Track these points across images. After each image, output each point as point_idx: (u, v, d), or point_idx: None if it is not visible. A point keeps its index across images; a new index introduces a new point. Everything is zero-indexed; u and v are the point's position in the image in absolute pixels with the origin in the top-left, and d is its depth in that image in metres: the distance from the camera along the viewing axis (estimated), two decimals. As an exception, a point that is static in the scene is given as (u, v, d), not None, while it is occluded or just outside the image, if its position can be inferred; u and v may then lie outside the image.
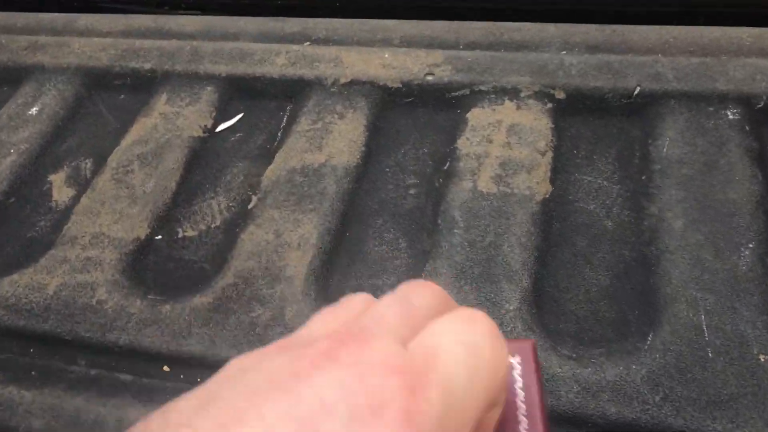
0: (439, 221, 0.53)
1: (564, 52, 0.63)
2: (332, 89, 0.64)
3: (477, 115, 0.60)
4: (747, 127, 0.55)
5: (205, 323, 0.50)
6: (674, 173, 0.53)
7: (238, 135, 0.65)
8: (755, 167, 0.52)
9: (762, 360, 0.43)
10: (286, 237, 0.54)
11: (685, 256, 0.48)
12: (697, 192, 0.51)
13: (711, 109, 0.57)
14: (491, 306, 0.48)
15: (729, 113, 0.56)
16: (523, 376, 0.28)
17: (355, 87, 0.64)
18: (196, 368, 0.48)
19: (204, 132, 0.65)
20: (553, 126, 0.58)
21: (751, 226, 0.49)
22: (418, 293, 0.26)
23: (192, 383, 0.39)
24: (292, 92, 0.66)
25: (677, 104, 0.57)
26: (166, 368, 0.49)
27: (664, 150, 0.55)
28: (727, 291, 0.46)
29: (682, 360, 0.44)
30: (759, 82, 0.57)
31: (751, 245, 0.48)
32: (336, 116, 0.62)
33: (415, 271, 0.52)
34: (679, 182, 0.52)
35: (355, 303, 0.26)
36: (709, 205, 0.50)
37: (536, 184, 0.54)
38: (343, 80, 0.65)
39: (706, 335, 0.44)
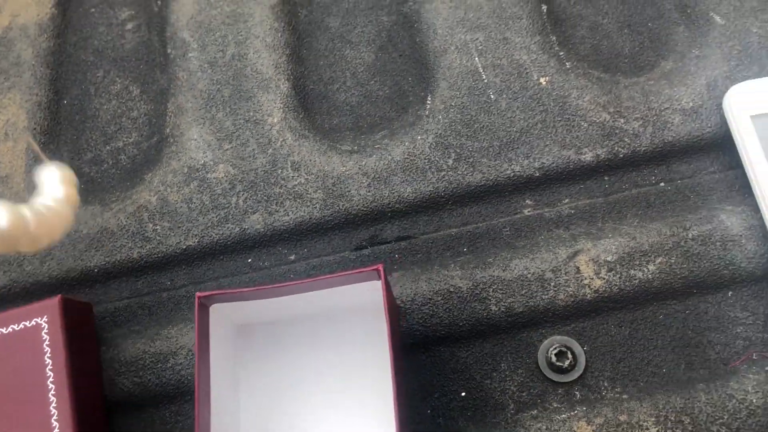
0: (169, 50, 0.44)
1: None
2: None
3: None
4: None
5: None
6: None
7: None
8: None
9: (543, 83, 0.39)
10: (-11, 130, 0.43)
11: (444, 0, 0.42)
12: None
13: None
14: (253, 126, 0.40)
15: None
16: (50, 334, 0.31)
17: None
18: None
19: None
20: None
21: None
22: None
23: None
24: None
25: None
26: None
27: None
28: (495, 23, 0.41)
29: (466, 112, 0.39)
30: None
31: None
32: (4, -37, 0.48)
33: (157, 117, 0.43)
34: None
35: None
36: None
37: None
38: None
39: (484, 77, 0.40)
